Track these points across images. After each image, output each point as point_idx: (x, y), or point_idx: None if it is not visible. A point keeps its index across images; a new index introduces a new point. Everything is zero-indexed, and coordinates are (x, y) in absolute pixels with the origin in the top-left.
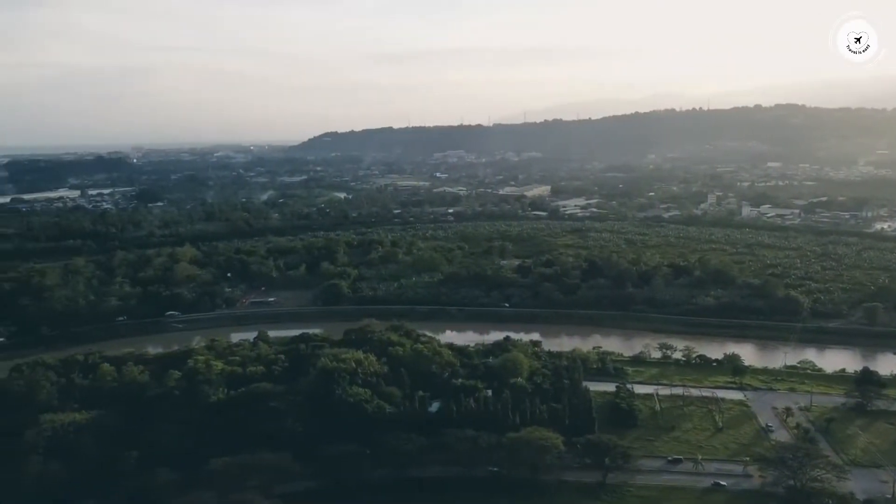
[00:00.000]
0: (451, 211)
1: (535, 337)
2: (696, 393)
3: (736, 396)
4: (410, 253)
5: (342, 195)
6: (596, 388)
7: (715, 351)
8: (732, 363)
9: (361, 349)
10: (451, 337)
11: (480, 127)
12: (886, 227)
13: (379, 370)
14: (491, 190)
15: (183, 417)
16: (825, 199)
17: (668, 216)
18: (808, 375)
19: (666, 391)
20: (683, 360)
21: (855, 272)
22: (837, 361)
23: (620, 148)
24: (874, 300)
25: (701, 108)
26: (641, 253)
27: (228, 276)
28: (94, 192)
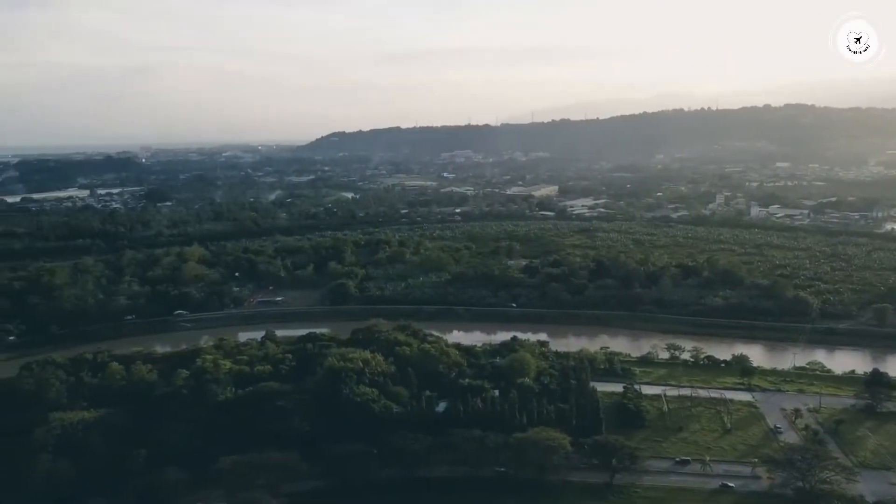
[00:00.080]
0: (458, 211)
1: (542, 337)
2: (704, 394)
3: (744, 397)
4: (418, 253)
5: (350, 195)
6: (603, 388)
7: (723, 352)
8: (741, 364)
9: (369, 349)
10: (458, 337)
11: (488, 127)
12: None
13: (386, 370)
14: (498, 190)
15: (191, 416)
16: (835, 199)
17: (676, 216)
18: (817, 377)
19: (674, 392)
20: (691, 360)
21: (865, 273)
22: (847, 363)
23: (628, 148)
24: (884, 301)
25: (709, 107)
26: (649, 253)
27: (236, 275)
28: (103, 191)
